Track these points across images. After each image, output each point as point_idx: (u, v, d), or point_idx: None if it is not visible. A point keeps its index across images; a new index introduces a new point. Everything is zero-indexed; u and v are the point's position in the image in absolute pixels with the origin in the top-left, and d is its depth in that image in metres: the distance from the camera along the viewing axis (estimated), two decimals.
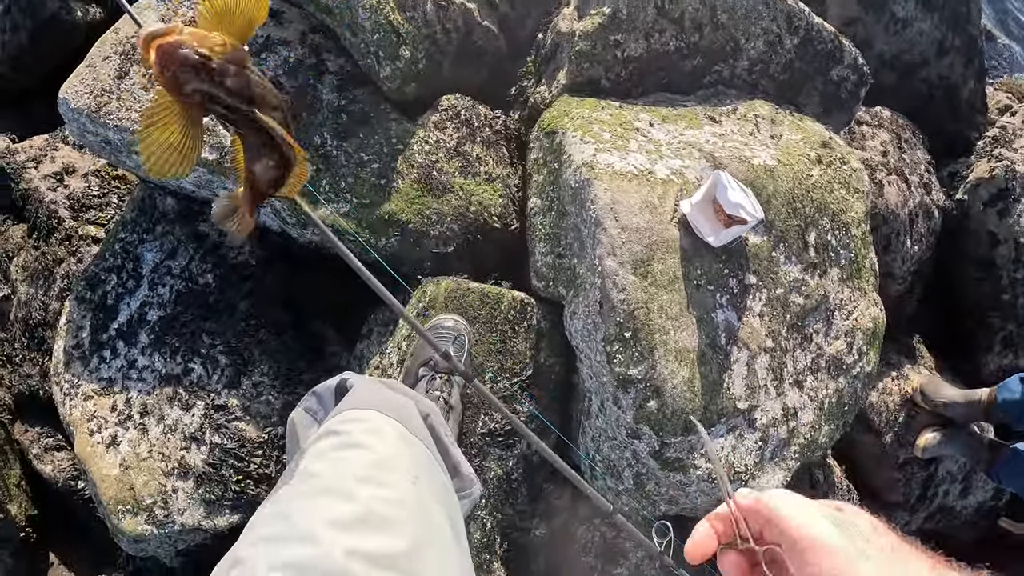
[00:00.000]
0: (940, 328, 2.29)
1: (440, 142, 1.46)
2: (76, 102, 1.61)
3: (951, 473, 2.22)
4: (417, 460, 0.72)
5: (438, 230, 1.43)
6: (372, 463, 0.66)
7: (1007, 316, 2.19)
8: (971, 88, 2.33)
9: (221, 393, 1.53)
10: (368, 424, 0.72)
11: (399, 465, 0.69)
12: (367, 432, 0.70)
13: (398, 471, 0.67)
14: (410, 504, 0.64)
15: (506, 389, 1.36)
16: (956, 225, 2.20)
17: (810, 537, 0.42)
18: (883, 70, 2.20)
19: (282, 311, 1.60)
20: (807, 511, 0.44)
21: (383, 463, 0.67)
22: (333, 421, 0.73)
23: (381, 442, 0.70)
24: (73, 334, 1.63)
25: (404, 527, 0.61)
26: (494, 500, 1.41)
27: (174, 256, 1.64)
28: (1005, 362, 2.25)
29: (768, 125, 1.50)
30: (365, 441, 0.69)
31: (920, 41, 2.21)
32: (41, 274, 1.86)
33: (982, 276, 2.20)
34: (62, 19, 2.20)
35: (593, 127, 1.28)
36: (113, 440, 1.52)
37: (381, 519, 0.60)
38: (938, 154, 2.26)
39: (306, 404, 0.88)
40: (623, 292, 1.12)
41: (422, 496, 0.67)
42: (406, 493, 0.65)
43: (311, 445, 0.71)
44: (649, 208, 1.16)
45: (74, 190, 1.92)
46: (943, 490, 2.23)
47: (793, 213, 1.35)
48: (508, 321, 1.35)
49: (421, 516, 0.65)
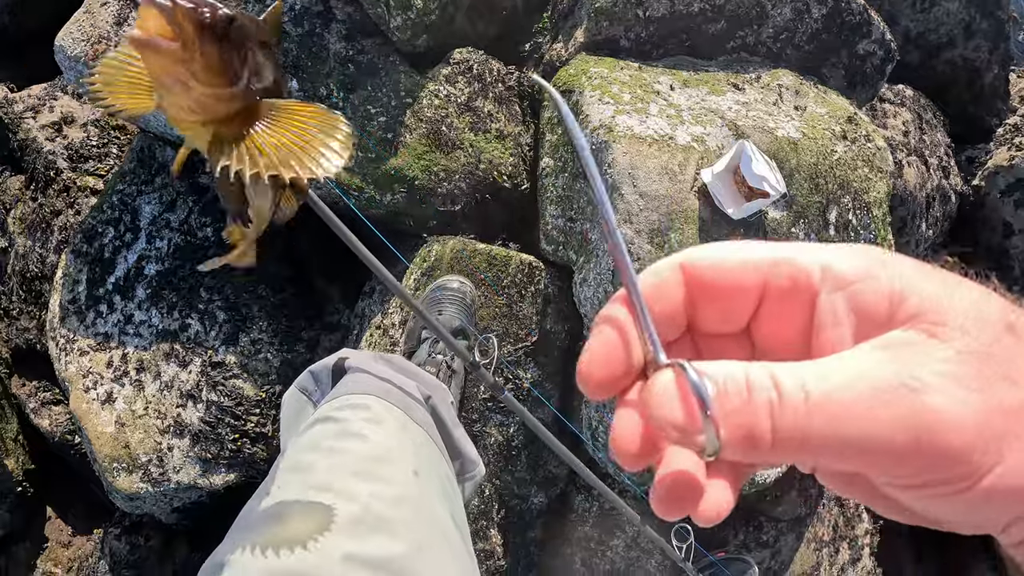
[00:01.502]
0: None
1: (451, 96, 1.38)
2: (73, 49, 1.52)
3: None
4: (418, 451, 0.68)
5: (445, 188, 1.35)
6: (370, 456, 0.61)
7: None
8: (995, 74, 2.24)
9: (219, 350, 1.48)
10: (367, 412, 0.67)
11: (399, 458, 0.64)
12: (366, 420, 0.65)
13: (398, 464, 0.63)
14: (410, 501, 0.60)
15: (510, 354, 1.30)
16: (971, 212, 2.13)
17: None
18: (907, 48, 2.10)
19: (283, 267, 1.54)
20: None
21: (382, 456, 0.62)
22: (330, 406, 0.68)
23: (380, 432, 0.65)
24: (69, 288, 1.57)
25: (403, 526, 0.57)
26: (493, 467, 1.36)
27: (173, 209, 1.57)
28: None
29: (792, 96, 1.42)
30: (363, 431, 0.63)
31: (947, 21, 2.10)
32: (39, 226, 1.79)
33: (994, 267, 2.13)
34: None
35: (612, 88, 1.20)
36: (108, 397, 1.47)
37: (380, 519, 0.56)
38: (957, 138, 2.17)
39: (302, 384, 0.82)
40: (637, 262, 1.06)
41: (423, 491, 0.63)
42: (406, 489, 0.61)
43: (306, 431, 0.65)
44: (669, 175, 1.08)
45: (72, 140, 1.84)
46: None
47: (815, 189, 1.28)
48: (515, 284, 1.29)
49: (421, 513, 0.60)
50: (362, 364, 0.76)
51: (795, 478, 1.64)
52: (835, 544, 1.83)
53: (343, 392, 0.70)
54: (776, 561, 1.70)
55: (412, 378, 0.78)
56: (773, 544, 1.68)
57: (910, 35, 2.08)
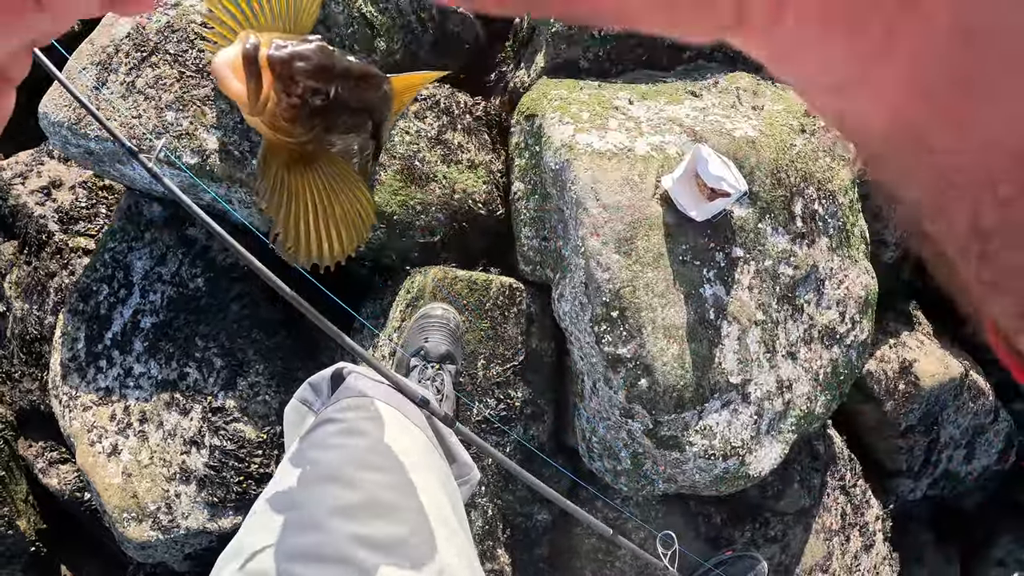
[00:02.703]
0: (936, 295, 2.28)
1: (421, 132, 1.45)
2: (56, 115, 1.60)
3: (954, 439, 2.21)
4: (415, 446, 0.73)
5: (423, 220, 1.42)
6: (371, 449, 0.66)
7: None
8: None
9: (218, 395, 1.53)
10: (366, 412, 0.72)
11: (398, 452, 0.69)
12: (365, 419, 0.71)
13: (397, 459, 0.68)
14: (410, 489, 0.65)
15: (499, 375, 1.36)
16: None
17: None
18: None
19: (274, 310, 1.60)
20: None
21: (382, 450, 0.67)
22: (331, 409, 0.74)
23: (379, 429, 0.70)
24: (68, 347, 1.64)
25: (405, 512, 0.62)
26: (493, 487, 1.41)
27: (164, 262, 1.64)
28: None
29: (750, 97, 1.49)
30: (364, 428, 0.69)
31: None
32: (35, 289, 1.86)
33: None
34: None
35: (571, 108, 1.27)
36: (114, 449, 1.53)
37: (382, 505, 0.61)
38: None
39: (301, 395, 0.88)
40: (607, 271, 1.12)
41: (422, 481, 0.68)
42: (405, 478, 0.66)
43: (309, 433, 0.71)
44: (630, 185, 1.15)
45: (62, 203, 1.91)
46: (947, 456, 2.23)
47: (778, 183, 1.34)
48: (497, 307, 1.35)
49: (421, 501, 0.65)
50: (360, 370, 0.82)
51: (795, 470, 1.67)
52: (845, 532, 1.86)
53: (344, 395, 0.75)
54: (787, 555, 1.73)
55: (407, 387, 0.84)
56: (781, 538, 1.72)
57: None
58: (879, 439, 2.11)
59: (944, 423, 2.16)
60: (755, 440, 1.31)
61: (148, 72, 1.57)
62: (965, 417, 2.19)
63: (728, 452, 1.27)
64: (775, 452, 1.37)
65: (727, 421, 1.26)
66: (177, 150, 1.48)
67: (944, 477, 2.27)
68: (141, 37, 1.61)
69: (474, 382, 1.35)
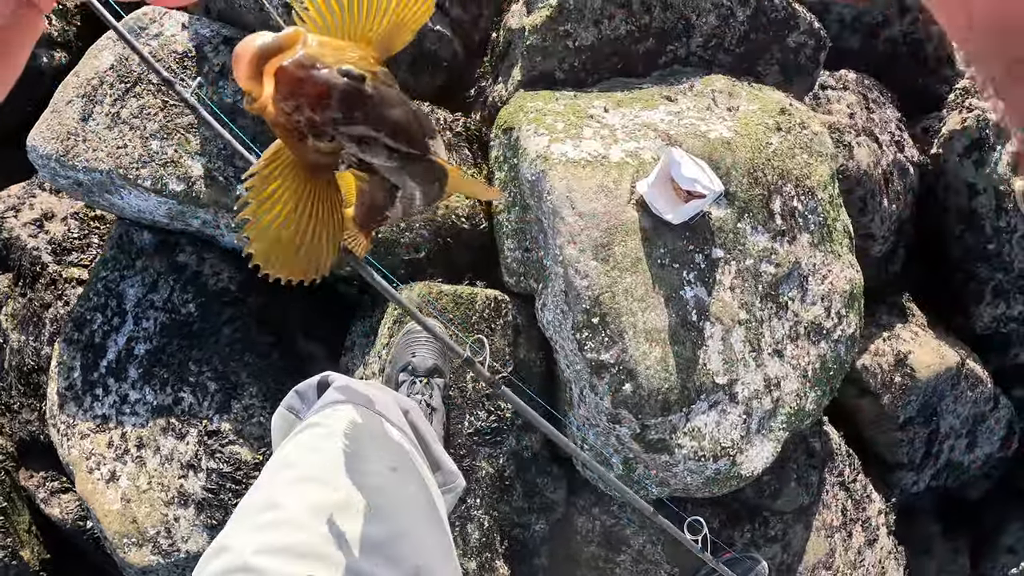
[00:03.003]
0: (929, 285, 2.28)
1: None
2: (44, 148, 1.64)
3: (954, 428, 2.21)
4: (397, 451, 0.75)
5: (408, 237, 1.44)
6: (353, 453, 0.68)
7: (995, 266, 2.18)
8: (936, 43, 2.33)
9: (213, 419, 1.55)
10: (349, 417, 0.74)
11: (379, 456, 0.71)
12: (348, 424, 0.73)
13: (378, 461, 0.70)
14: (390, 492, 0.67)
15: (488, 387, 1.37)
16: (934, 180, 2.20)
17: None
18: (845, 33, 2.20)
19: (265, 332, 1.62)
20: None
21: (364, 453, 0.69)
22: (317, 415, 0.76)
23: (362, 433, 0.73)
24: (65, 376, 1.66)
25: (385, 513, 0.63)
26: (489, 499, 1.42)
27: (155, 289, 1.66)
28: (998, 311, 2.24)
29: (725, 98, 1.51)
30: (346, 432, 0.71)
31: (880, 1, 2.21)
32: (30, 320, 1.89)
33: (965, 228, 2.20)
34: (27, 67, 2.23)
35: (547, 119, 1.29)
36: (112, 475, 1.55)
37: (363, 505, 0.62)
38: (910, 111, 2.26)
39: (288, 403, 0.90)
40: (586, 279, 1.13)
41: (403, 485, 0.70)
42: (386, 481, 0.68)
43: (293, 437, 0.73)
44: (605, 192, 1.17)
45: (55, 235, 1.95)
46: (948, 446, 2.22)
47: (755, 182, 1.36)
48: (484, 319, 1.37)
49: (401, 503, 0.67)
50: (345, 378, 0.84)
51: (792, 468, 1.68)
52: (847, 528, 1.86)
53: (328, 401, 0.78)
54: (788, 554, 1.73)
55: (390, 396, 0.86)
56: (782, 537, 1.72)
57: (845, 21, 2.19)
58: (879, 433, 2.11)
59: (943, 413, 2.16)
60: (745, 440, 1.32)
61: (132, 102, 1.61)
62: (964, 406, 2.19)
63: (718, 453, 1.28)
64: (767, 451, 1.38)
65: (715, 422, 1.27)
66: (163, 178, 1.51)
67: (947, 467, 2.27)
68: (124, 68, 1.64)
69: (464, 395, 1.37)
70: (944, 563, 2.40)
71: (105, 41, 1.70)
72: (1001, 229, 2.15)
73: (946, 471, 2.28)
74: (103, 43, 1.70)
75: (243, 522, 0.60)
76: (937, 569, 2.39)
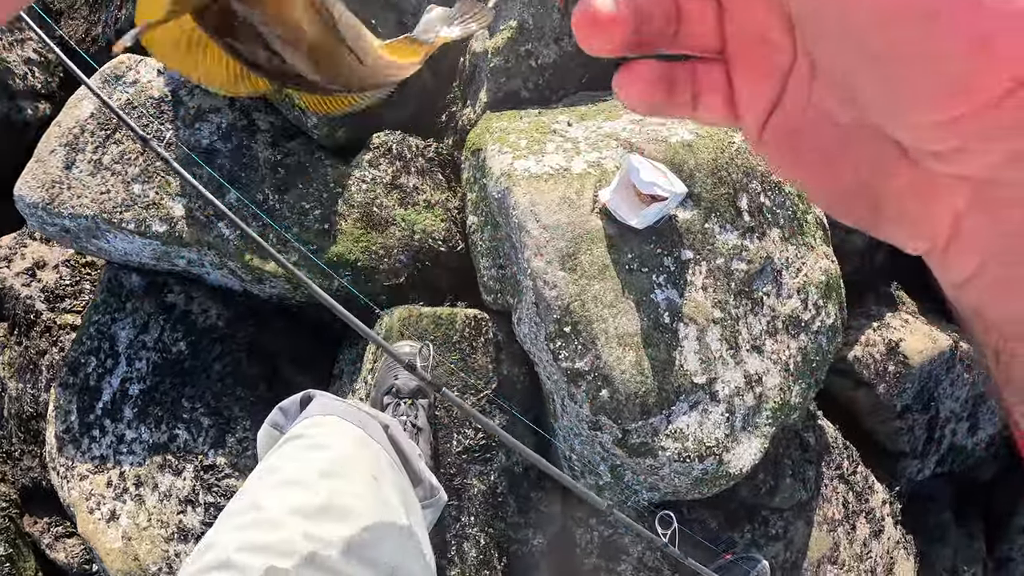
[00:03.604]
0: (917, 271, 2.31)
1: (376, 179, 1.53)
2: (31, 197, 1.70)
3: (955, 412, 2.22)
4: (376, 461, 0.79)
5: (387, 263, 1.49)
6: (333, 460, 0.73)
7: None
8: None
9: (208, 454, 1.59)
10: (330, 428, 0.79)
11: (358, 465, 0.75)
12: (329, 435, 0.77)
13: (358, 470, 0.74)
14: (369, 498, 0.71)
15: (474, 404, 1.41)
16: None
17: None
18: None
19: (255, 366, 1.67)
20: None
21: (343, 461, 0.74)
22: (298, 427, 0.80)
23: (342, 443, 0.77)
24: (62, 419, 1.71)
25: (363, 518, 0.67)
26: (483, 516, 1.44)
27: (146, 330, 1.71)
28: None
29: None
30: (327, 442, 0.76)
31: None
32: (27, 368, 1.94)
33: None
34: (13, 119, 2.32)
35: (510, 137, 1.34)
36: (112, 514, 1.59)
37: (342, 509, 0.67)
38: None
39: (272, 419, 0.95)
40: (555, 289, 1.17)
41: (381, 492, 0.74)
42: (366, 488, 0.72)
43: (277, 448, 0.77)
44: (568, 203, 1.21)
45: (47, 283, 2.01)
46: (950, 430, 2.23)
47: (720, 182, 1.40)
48: (465, 339, 1.41)
49: (380, 509, 0.71)
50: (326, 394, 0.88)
51: (786, 464, 1.70)
52: (850, 521, 1.87)
53: (312, 413, 0.82)
54: (791, 551, 1.74)
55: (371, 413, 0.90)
56: (784, 535, 1.73)
57: None
58: (877, 423, 2.13)
59: (941, 398, 2.17)
60: (731, 438, 1.35)
61: (113, 149, 1.67)
62: (962, 389, 2.20)
63: (704, 452, 1.31)
64: (754, 447, 1.40)
65: (698, 422, 1.30)
66: (146, 220, 1.57)
67: (951, 452, 2.28)
68: (104, 117, 1.71)
69: (450, 414, 1.40)
70: (960, 548, 2.39)
71: (84, 91, 1.77)
72: None
73: (951, 456, 2.29)
74: (82, 93, 1.77)
75: (227, 522, 0.64)
76: (953, 555, 2.38)
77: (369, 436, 0.81)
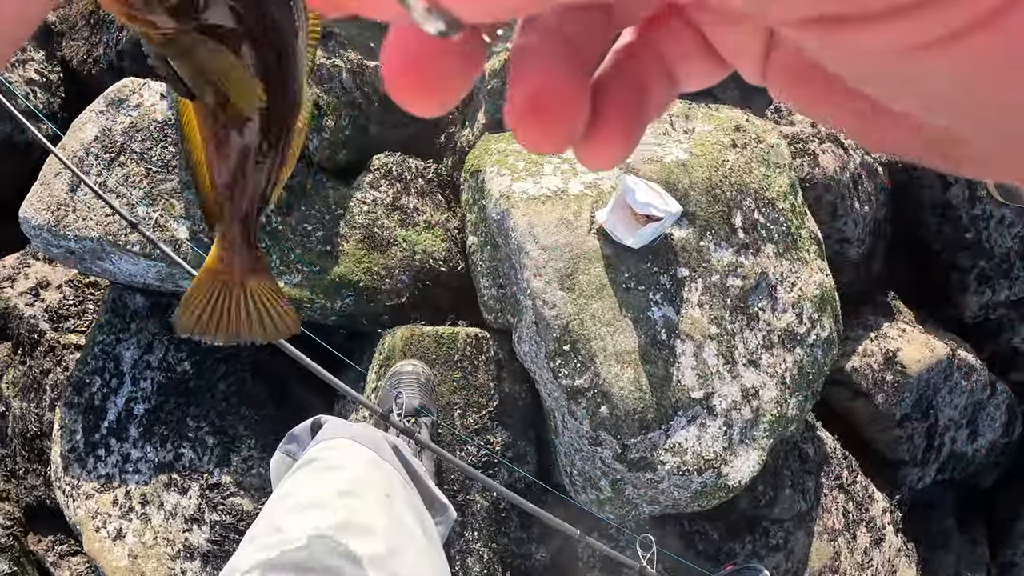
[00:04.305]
0: (914, 281, 2.35)
1: (377, 200, 1.58)
2: (36, 219, 1.74)
3: (954, 420, 2.26)
4: (389, 481, 0.84)
5: (388, 284, 1.53)
6: (348, 481, 0.77)
7: (976, 253, 2.26)
8: None
9: (213, 472, 1.63)
10: (343, 451, 0.84)
11: (372, 485, 0.80)
12: (343, 457, 0.82)
13: (372, 489, 0.79)
14: (385, 515, 0.76)
15: (476, 423, 1.45)
16: (906, 177, 2.28)
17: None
18: None
19: (259, 384, 1.71)
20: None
21: (358, 481, 0.78)
22: (312, 451, 0.85)
23: (356, 464, 0.82)
24: (67, 439, 1.74)
25: (381, 534, 0.72)
26: (486, 531, 1.48)
27: (151, 350, 1.75)
28: (985, 299, 2.31)
29: (682, 121, 1.61)
30: (342, 463, 0.80)
31: None
32: (31, 387, 1.98)
33: (942, 220, 2.28)
34: (16, 140, 2.37)
35: (508, 159, 1.39)
36: (119, 533, 1.62)
37: (360, 527, 0.71)
38: None
39: (285, 447, 0.99)
40: (554, 308, 1.22)
41: (396, 509, 0.78)
42: (381, 506, 0.77)
43: (292, 473, 0.82)
44: (565, 225, 1.26)
45: (51, 303, 2.05)
46: (949, 437, 2.27)
47: (714, 200, 1.45)
48: (466, 357, 1.45)
49: (396, 525, 0.76)
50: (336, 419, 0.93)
51: (786, 475, 1.74)
52: (850, 530, 1.91)
53: (324, 438, 0.87)
54: (792, 561, 1.78)
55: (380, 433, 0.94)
56: (784, 545, 1.77)
57: None
58: (877, 432, 2.17)
59: (940, 406, 2.21)
60: (729, 451, 1.39)
61: (118, 171, 1.72)
62: (960, 396, 2.24)
63: (702, 466, 1.35)
64: (752, 460, 1.44)
65: (696, 436, 1.34)
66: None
67: (951, 460, 2.31)
68: (108, 139, 1.76)
69: (453, 432, 1.44)
70: (963, 555, 2.42)
71: (88, 114, 1.82)
72: (977, 217, 2.23)
73: (951, 463, 2.33)
74: (86, 116, 1.82)
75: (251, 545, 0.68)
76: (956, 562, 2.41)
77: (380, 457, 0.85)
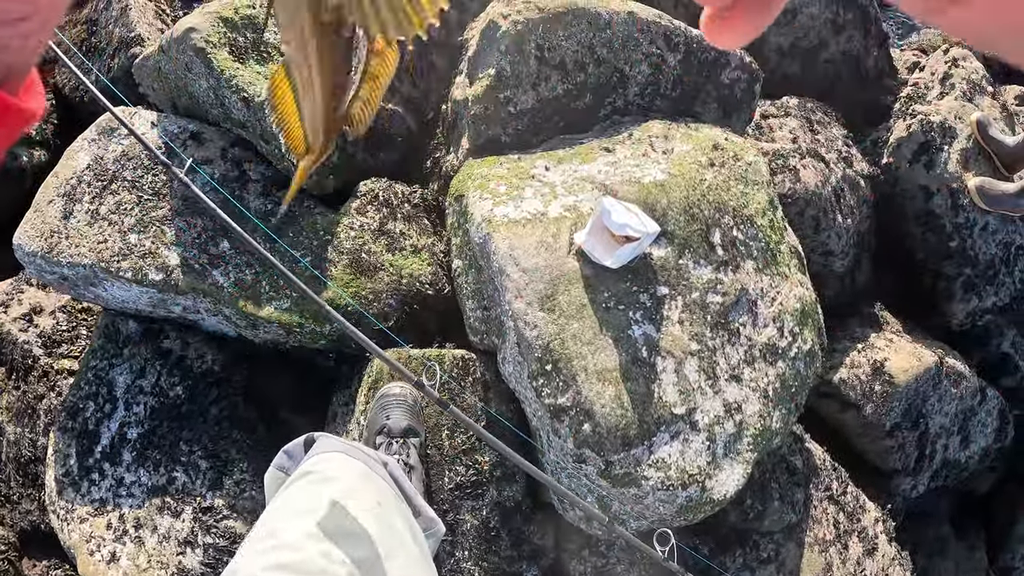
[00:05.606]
0: (900, 291, 2.41)
1: (364, 225, 1.64)
2: (29, 246, 1.80)
3: (944, 427, 2.30)
4: (379, 491, 0.90)
5: (376, 308, 1.59)
6: (341, 490, 0.83)
7: (961, 262, 2.32)
8: (875, 56, 2.52)
9: (206, 496, 1.67)
10: (336, 463, 0.90)
11: (364, 495, 0.86)
12: (336, 469, 0.88)
13: (364, 499, 0.85)
14: (376, 522, 0.82)
15: (464, 443, 1.50)
16: (889, 188, 2.35)
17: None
18: (784, 61, 2.39)
19: (251, 409, 1.76)
20: None
21: (350, 490, 0.84)
22: (306, 464, 0.91)
23: (348, 476, 0.88)
24: (61, 463, 1.79)
25: (373, 539, 0.78)
26: (477, 550, 1.52)
27: (143, 375, 1.81)
28: (971, 306, 2.37)
29: (661, 142, 1.67)
30: (335, 475, 0.86)
31: (813, 25, 2.40)
32: (25, 412, 2.03)
33: (925, 230, 2.34)
34: (9, 166, 2.43)
35: (490, 184, 1.45)
36: (113, 556, 1.66)
37: (352, 532, 0.77)
38: (858, 126, 2.42)
39: (278, 463, 1.04)
40: (535, 329, 1.27)
41: (387, 516, 0.84)
42: (372, 514, 0.82)
43: (285, 488, 0.87)
44: (545, 247, 1.32)
45: (44, 328, 2.10)
46: (941, 445, 2.31)
47: (692, 219, 1.51)
48: (453, 379, 1.50)
49: (387, 531, 0.82)
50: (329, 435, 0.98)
51: (774, 488, 1.78)
52: (842, 540, 1.95)
53: (316, 452, 0.93)
54: (783, 573, 1.82)
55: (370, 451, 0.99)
56: (775, 558, 1.81)
57: (783, 49, 2.38)
58: (867, 443, 2.21)
59: (930, 414, 2.26)
60: (713, 465, 1.44)
61: (109, 199, 1.78)
62: (950, 404, 2.29)
63: (686, 481, 1.39)
64: (737, 473, 1.49)
65: (679, 451, 1.39)
66: (142, 269, 1.67)
67: (944, 467, 2.36)
68: (100, 167, 1.82)
69: (441, 452, 1.49)
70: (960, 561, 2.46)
71: (80, 143, 1.89)
72: (960, 225, 2.29)
73: (944, 470, 2.37)
74: (79, 144, 1.89)
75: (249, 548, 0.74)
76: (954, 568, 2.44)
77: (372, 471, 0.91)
